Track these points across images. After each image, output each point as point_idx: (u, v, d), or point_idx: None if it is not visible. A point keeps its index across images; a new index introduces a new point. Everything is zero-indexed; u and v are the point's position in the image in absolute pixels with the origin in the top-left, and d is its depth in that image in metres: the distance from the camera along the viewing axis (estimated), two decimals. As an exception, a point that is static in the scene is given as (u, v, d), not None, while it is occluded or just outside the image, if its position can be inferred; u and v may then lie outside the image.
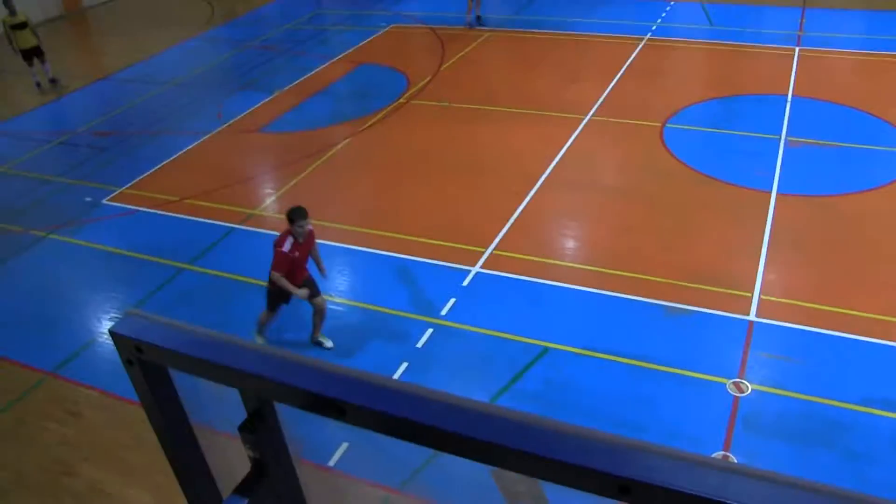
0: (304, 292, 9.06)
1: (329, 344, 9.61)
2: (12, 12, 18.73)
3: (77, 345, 10.17)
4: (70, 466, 8.31)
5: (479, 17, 21.32)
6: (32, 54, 19.07)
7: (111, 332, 1.48)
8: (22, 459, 8.44)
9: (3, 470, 8.35)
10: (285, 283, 8.92)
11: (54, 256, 12.25)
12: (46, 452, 8.52)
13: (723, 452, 7.62)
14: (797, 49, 17.75)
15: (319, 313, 9.43)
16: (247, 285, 10.90)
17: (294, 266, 9.02)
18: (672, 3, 22.22)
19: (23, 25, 18.73)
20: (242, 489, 1.58)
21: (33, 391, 9.43)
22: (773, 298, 9.69)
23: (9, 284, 11.70)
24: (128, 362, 1.49)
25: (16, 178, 15.02)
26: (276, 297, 9.25)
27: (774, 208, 11.52)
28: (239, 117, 16.67)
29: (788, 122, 14.26)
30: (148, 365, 1.48)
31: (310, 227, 9.06)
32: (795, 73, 16.45)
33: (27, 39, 18.81)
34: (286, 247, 8.86)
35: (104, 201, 13.65)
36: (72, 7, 27.39)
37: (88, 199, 13.79)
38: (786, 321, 9.30)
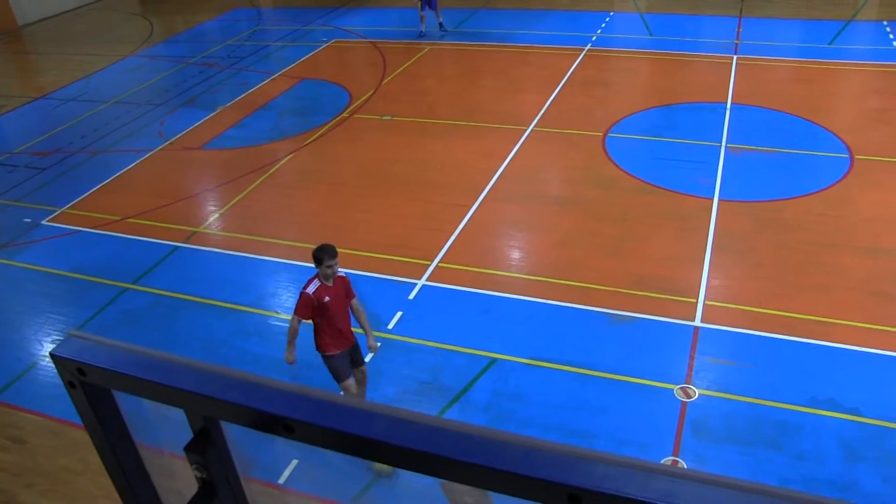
0: (290, 355, 8.09)
1: None
2: None
3: (18, 369, 9.92)
4: (12, 495, 8.07)
5: (441, 25, 21.66)
6: None
7: (52, 355, 1.46)
8: (-39, 490, 8.20)
9: (-59, 501, 8.10)
10: (293, 331, 7.99)
11: (-9, 280, 11.96)
12: (-13, 481, 8.29)
13: (672, 458, 7.71)
14: (735, 57, 18.15)
15: (362, 384, 8.36)
16: (191, 304, 10.76)
17: (324, 315, 7.89)
18: (612, 13, 22.58)
19: None
20: (190, 510, 1.56)
21: (-28, 419, 9.18)
22: (717, 304, 9.86)
23: (-56, 309, 11.38)
24: (70, 385, 1.46)
25: (-50, 201, 14.64)
26: (334, 360, 8.09)
27: (717, 215, 11.74)
28: (181, 135, 16.47)
29: (728, 129, 14.56)
30: (91, 387, 1.46)
31: (340, 270, 8.01)
32: (734, 81, 16.82)
33: None
34: (311, 288, 7.83)
35: (44, 222, 13.36)
36: (6, 26, 26.79)
37: (28, 220, 13.49)
38: (731, 326, 9.47)
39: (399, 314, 10.10)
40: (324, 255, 7.83)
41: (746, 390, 8.43)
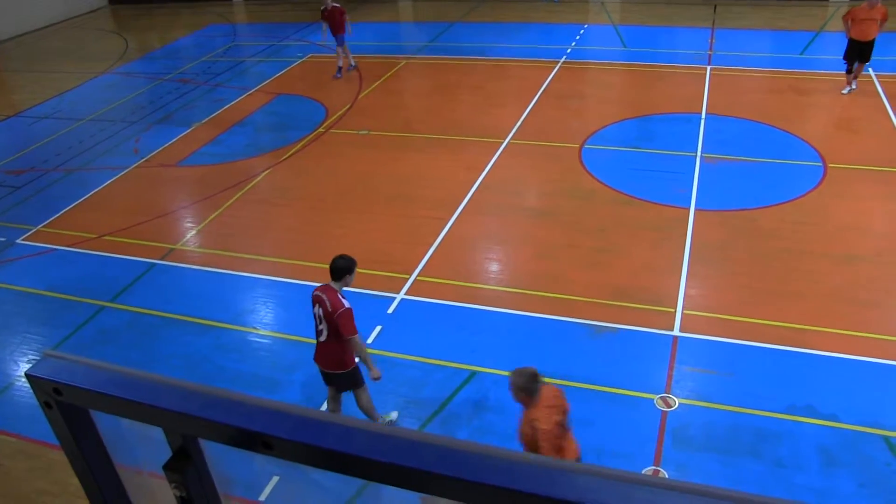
0: (376, 370, 7.95)
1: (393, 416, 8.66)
2: None
3: (-8, 391, 9.80)
4: (-13, 519, 7.98)
5: (339, 70, 19.98)
6: None
7: (27, 375, 1.44)
8: (-65, 515, 8.09)
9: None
10: (363, 348, 7.89)
11: (-35, 300, 11.82)
12: (-39, 506, 8.17)
13: (653, 468, 7.73)
14: (709, 68, 18.36)
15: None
16: (169, 321, 10.69)
17: None
18: (586, 26, 22.76)
19: None
20: (170, 529, 1.55)
21: (-54, 442, 9.04)
22: (695, 313, 9.92)
23: (-83, 331, 11.22)
24: (46, 405, 1.45)
25: (-78, 221, 14.47)
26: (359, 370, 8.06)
27: (693, 224, 11.83)
28: (156, 151, 16.39)
29: (703, 139, 14.70)
30: (68, 407, 1.45)
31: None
32: (708, 91, 17.01)
33: None
34: (348, 302, 7.64)
35: (19, 241, 13.23)
36: (-23, 43, 26.63)
37: (2, 238, 13.36)
38: (709, 335, 9.53)
39: (378, 328, 10.08)
40: (354, 263, 7.76)
41: (725, 398, 8.48)
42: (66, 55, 25.22)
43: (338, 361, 7.88)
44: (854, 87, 16.43)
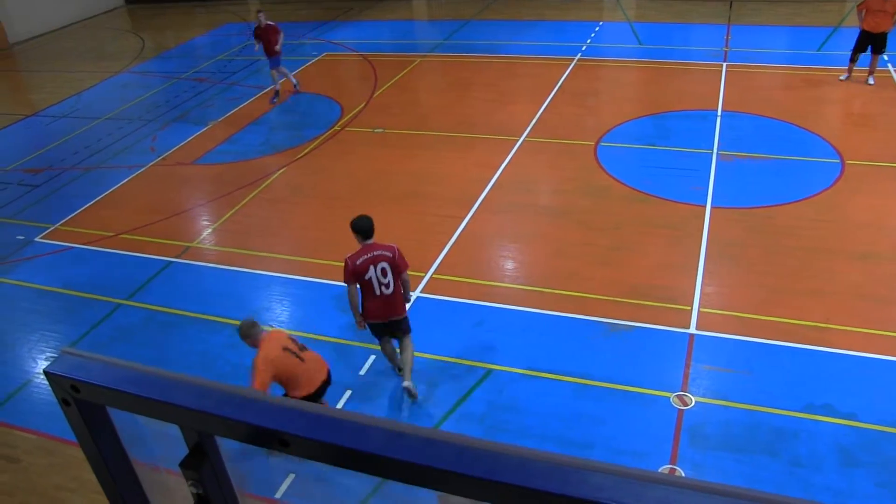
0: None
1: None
2: None
3: (12, 387, 9.88)
4: (6, 515, 8.06)
5: (275, 93, 18.75)
6: None
7: (46, 373, 1.45)
8: (-44, 511, 8.18)
9: (-64, 523, 8.08)
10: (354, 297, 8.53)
11: (-16, 298, 11.94)
12: (-19, 501, 8.26)
13: (669, 466, 7.70)
14: (725, 65, 18.25)
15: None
16: (185, 319, 10.74)
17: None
18: (601, 23, 22.69)
19: None
20: (186, 526, 1.55)
21: (-34, 439, 9.14)
22: (712, 311, 9.87)
23: (-63, 329, 11.35)
24: (64, 402, 1.46)
25: (-58, 220, 14.63)
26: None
27: (710, 222, 11.77)
28: (173, 150, 16.47)
29: (720, 136, 14.62)
30: (85, 404, 1.46)
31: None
32: (724, 88, 16.90)
33: None
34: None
35: (37, 239, 13.34)
36: (-3, 44, 26.92)
37: (20, 237, 13.47)
38: (726, 333, 9.47)
39: (394, 326, 10.08)
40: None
41: (742, 397, 8.42)
42: (83, 55, 25.40)
43: (403, 302, 8.65)
44: (871, 81, 16.33)
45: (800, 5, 22.78)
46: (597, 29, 22.10)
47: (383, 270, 8.33)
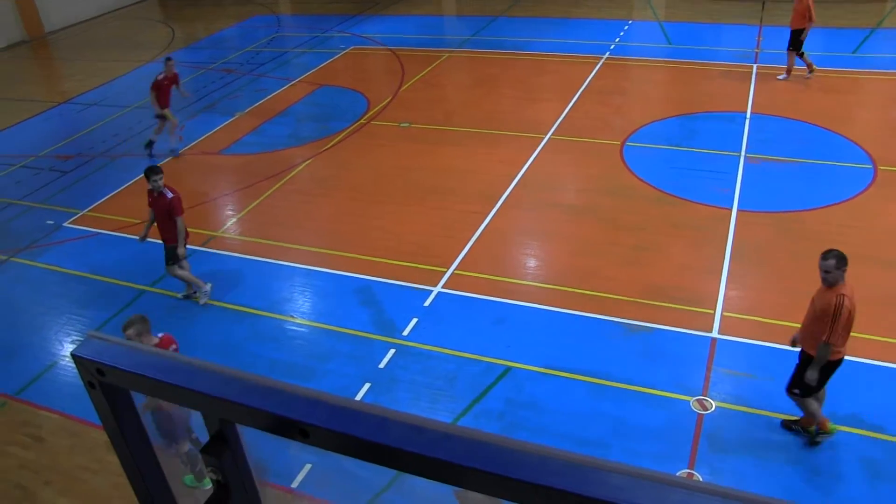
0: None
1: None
2: None
3: (39, 368, 10.02)
4: (31, 492, 8.18)
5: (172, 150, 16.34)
6: None
7: (73, 355, 1.47)
8: (-17, 485, 8.33)
9: (-36, 495, 8.24)
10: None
11: (16, 280, 12.12)
12: (6, 476, 8.41)
13: (687, 470, 7.66)
14: (755, 66, 18.05)
15: None
16: (207, 307, 10.82)
17: None
18: (630, 22, 22.56)
19: None
20: (205, 512, 1.57)
21: (-5, 415, 9.32)
22: (735, 315, 9.79)
23: (-33, 309, 11.54)
24: (89, 385, 1.48)
25: (-25, 203, 14.86)
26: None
27: (735, 225, 11.67)
28: (199, 140, 16.59)
29: (748, 138, 14.47)
30: (110, 388, 1.47)
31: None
32: (754, 90, 16.73)
33: None
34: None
35: (66, 224, 13.50)
36: (34, 33, 27.25)
37: (50, 222, 13.65)
38: (749, 338, 9.38)
39: (414, 321, 10.11)
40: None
41: (764, 403, 8.33)
42: (114, 44, 25.61)
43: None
44: None
45: (836, 6, 22.41)
46: (626, 28, 21.97)
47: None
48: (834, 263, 7.10)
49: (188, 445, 7.53)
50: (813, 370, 7.30)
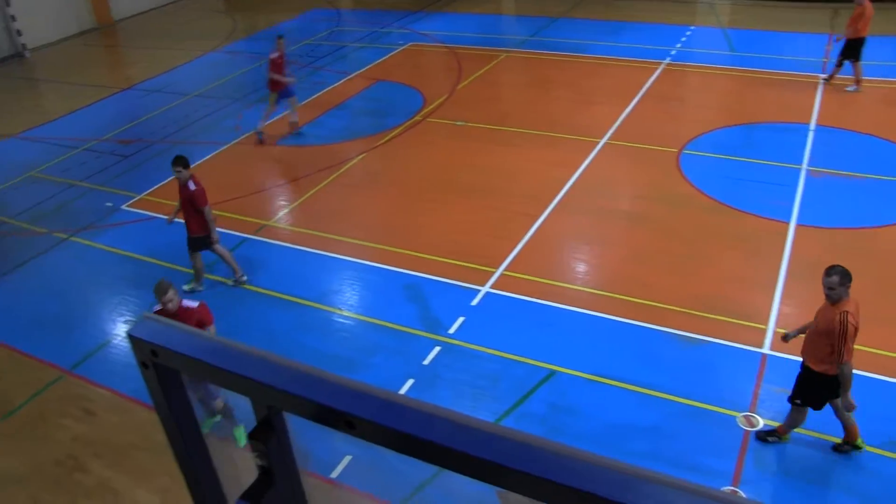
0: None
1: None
2: None
3: (93, 345, 10.28)
4: (82, 463, 8.43)
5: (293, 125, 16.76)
6: None
7: (129, 335, 1.50)
8: (39, 452, 8.65)
9: (22, 460, 8.55)
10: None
11: (75, 258, 12.45)
12: (61, 447, 8.69)
13: (731, 487, 7.53)
14: (822, 77, 17.57)
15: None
16: (256, 295, 10.95)
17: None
18: (693, 27, 22.25)
19: None
20: (249, 495, 1.58)
21: (52, 387, 9.64)
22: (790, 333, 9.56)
23: (31, 284, 11.92)
24: (143, 365, 1.50)
25: (43, 182, 15.27)
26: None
27: (793, 239, 11.42)
28: (256, 129, 16.77)
29: (811, 151, 14.12)
30: (162, 368, 1.50)
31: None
32: (820, 101, 16.29)
33: None
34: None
35: (124, 207, 13.81)
36: (103, 20, 27.97)
37: (109, 204, 13.97)
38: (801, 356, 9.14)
39: (461, 319, 10.11)
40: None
41: (814, 425, 8.04)
42: (178, 33, 26.07)
43: None
44: None
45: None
46: (688, 33, 21.67)
47: None
48: (838, 280, 6.97)
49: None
50: (845, 394, 7.17)
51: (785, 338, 7.83)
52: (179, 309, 7.92)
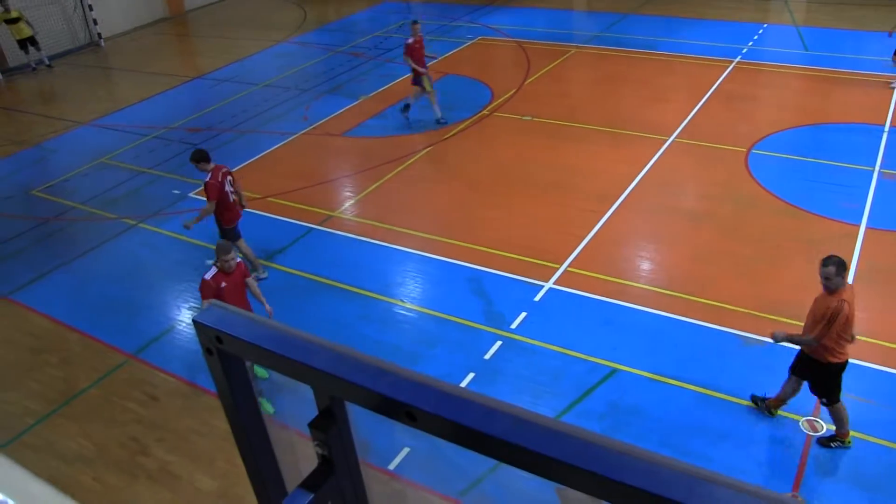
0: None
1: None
2: (7, 9, 22.50)
3: (157, 331, 10.50)
4: (145, 446, 8.63)
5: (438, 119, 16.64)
6: (27, 43, 22.92)
7: (194, 321, 1.52)
8: (105, 434, 8.89)
9: (89, 441, 8.80)
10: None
11: (142, 244, 12.76)
12: (125, 430, 8.92)
13: (792, 493, 7.37)
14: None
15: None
16: (319, 285, 11.06)
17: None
18: (765, 25, 21.77)
19: (16, 20, 22.44)
20: (309, 484, 1.59)
21: (118, 371, 9.88)
22: (857, 337, 9.33)
23: (100, 268, 12.24)
24: (207, 351, 1.52)
25: (113, 169, 15.67)
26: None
27: (863, 243, 11.13)
28: (324, 120, 16.95)
29: (884, 153, 13.72)
30: (226, 355, 1.51)
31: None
32: (895, 101, 15.86)
33: (21, 31, 22.71)
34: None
35: (191, 194, 14.07)
36: (175, 10, 28.59)
37: (176, 191, 14.26)
38: (870, 362, 8.91)
39: (523, 314, 10.08)
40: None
41: (881, 432, 7.92)
42: (248, 24, 26.47)
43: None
44: None
45: None
46: (760, 31, 21.20)
47: (232, 181, 10.88)
48: (834, 270, 7.18)
49: None
50: (790, 341, 7.73)
51: (774, 337, 7.87)
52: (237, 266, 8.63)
